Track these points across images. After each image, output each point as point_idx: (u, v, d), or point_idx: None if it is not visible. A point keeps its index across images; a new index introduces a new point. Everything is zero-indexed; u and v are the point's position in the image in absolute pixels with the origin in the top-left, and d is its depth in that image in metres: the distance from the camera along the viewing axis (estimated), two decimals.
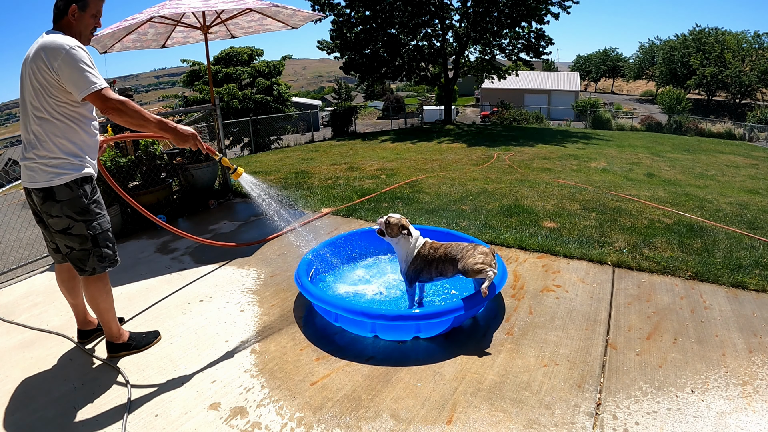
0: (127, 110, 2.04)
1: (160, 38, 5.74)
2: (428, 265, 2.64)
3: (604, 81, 60.20)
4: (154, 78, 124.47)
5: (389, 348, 2.44)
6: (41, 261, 3.88)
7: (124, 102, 2.03)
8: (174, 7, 4.36)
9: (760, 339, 2.43)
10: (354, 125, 21.75)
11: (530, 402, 2.01)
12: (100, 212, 2.24)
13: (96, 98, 2.00)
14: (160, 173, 5.05)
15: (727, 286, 3.02)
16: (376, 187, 5.91)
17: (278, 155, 11.39)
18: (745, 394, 2.02)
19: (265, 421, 1.95)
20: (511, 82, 26.96)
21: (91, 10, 2.15)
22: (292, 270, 3.19)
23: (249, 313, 2.85)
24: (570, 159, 9.83)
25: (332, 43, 21.36)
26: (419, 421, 1.92)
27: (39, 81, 2.01)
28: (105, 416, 2.01)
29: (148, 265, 3.66)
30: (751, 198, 6.08)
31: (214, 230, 4.53)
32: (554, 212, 4.60)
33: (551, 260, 3.47)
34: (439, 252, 2.64)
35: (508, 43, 21.41)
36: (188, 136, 2.23)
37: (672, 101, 33.78)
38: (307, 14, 5.64)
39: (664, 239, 3.78)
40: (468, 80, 43.55)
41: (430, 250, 2.67)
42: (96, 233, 2.20)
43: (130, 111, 2.05)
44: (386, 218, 2.69)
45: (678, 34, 42.87)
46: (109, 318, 2.37)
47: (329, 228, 4.36)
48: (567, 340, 2.45)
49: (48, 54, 1.97)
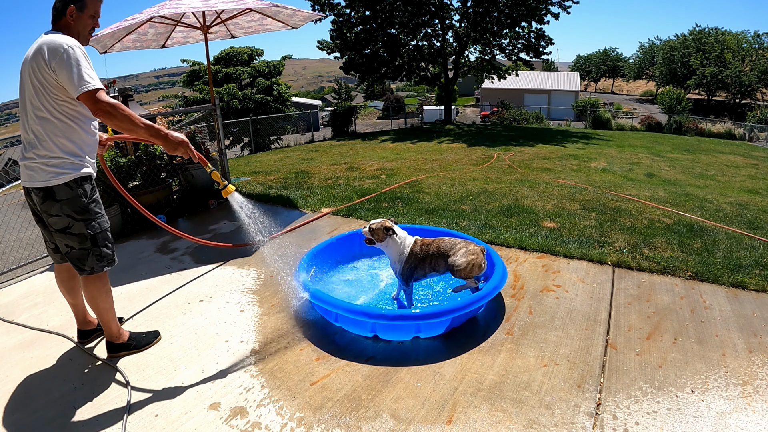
0: (116, 114, 2.00)
1: (160, 38, 5.74)
2: (422, 261, 2.70)
3: (604, 81, 60.22)
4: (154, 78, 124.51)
5: (389, 348, 2.44)
6: (41, 261, 3.88)
7: (115, 105, 2.00)
8: (174, 7, 4.36)
9: (760, 339, 2.43)
10: (354, 125, 21.75)
11: (530, 402, 2.01)
12: (100, 212, 2.25)
13: (88, 98, 1.98)
14: (160, 173, 5.06)
15: (727, 286, 3.02)
16: (376, 187, 5.91)
17: (278, 155, 11.40)
18: (745, 394, 2.02)
19: (265, 421, 1.95)
20: (511, 82, 26.97)
21: (89, 11, 2.16)
22: (292, 270, 3.19)
23: (249, 313, 2.85)
24: (570, 159, 9.84)
25: (332, 43, 21.38)
26: (419, 421, 1.92)
27: (39, 80, 2.02)
28: (105, 416, 2.01)
29: (148, 265, 3.66)
30: (751, 198, 6.08)
31: (213, 230, 4.52)
32: (554, 212, 4.60)
33: (551, 260, 3.47)
34: (432, 248, 2.70)
35: (508, 43, 21.42)
36: (178, 144, 2.15)
37: (672, 101, 33.78)
38: (307, 14, 5.64)
39: (664, 239, 3.78)
40: (468, 80, 43.58)
41: (422, 246, 2.72)
42: (95, 232, 2.21)
43: (120, 115, 2.01)
44: (368, 226, 2.75)
45: (678, 34, 42.95)
46: (109, 318, 2.37)
47: (329, 228, 4.36)
48: (567, 340, 2.45)
49: (46, 53, 1.98)
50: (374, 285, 3.13)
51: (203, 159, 2.36)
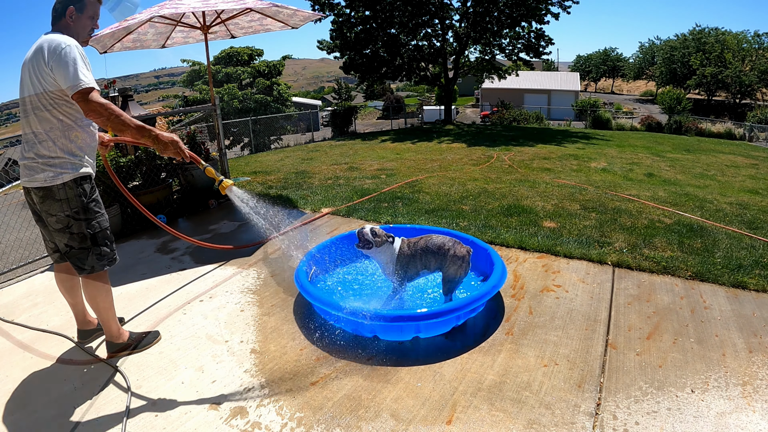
0: (105, 113, 1.98)
1: (160, 38, 5.74)
2: (413, 259, 2.72)
3: (604, 81, 60.20)
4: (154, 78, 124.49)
5: (389, 348, 2.44)
6: (41, 261, 3.88)
7: (105, 105, 1.98)
8: (174, 7, 4.36)
9: (760, 339, 2.43)
10: (354, 125, 21.76)
11: (530, 402, 2.01)
12: (99, 211, 2.25)
13: (80, 96, 1.96)
14: (160, 173, 5.06)
15: (727, 286, 3.02)
16: (376, 187, 5.91)
17: (278, 155, 11.40)
18: (745, 394, 2.02)
19: (265, 421, 1.95)
20: (511, 82, 26.98)
21: (89, 12, 2.18)
22: (292, 270, 3.19)
23: (249, 313, 2.85)
24: (570, 159, 9.84)
25: (332, 43, 21.37)
26: (419, 421, 1.92)
27: (38, 80, 2.03)
28: (105, 416, 2.01)
29: (148, 265, 3.66)
30: (751, 198, 6.08)
31: (213, 230, 4.52)
32: (554, 212, 4.60)
33: (551, 260, 3.47)
34: (420, 245, 2.74)
35: (508, 43, 21.42)
36: (168, 143, 2.10)
37: (672, 101, 33.79)
38: (307, 14, 5.64)
39: (664, 239, 3.78)
40: (468, 80, 43.60)
41: (409, 245, 2.75)
42: (95, 232, 2.21)
43: (109, 114, 1.98)
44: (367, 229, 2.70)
45: (678, 34, 42.92)
46: (109, 317, 2.38)
47: (329, 228, 4.36)
48: (567, 340, 2.45)
49: (45, 52, 2.00)
50: (374, 285, 3.12)
51: (195, 157, 2.31)
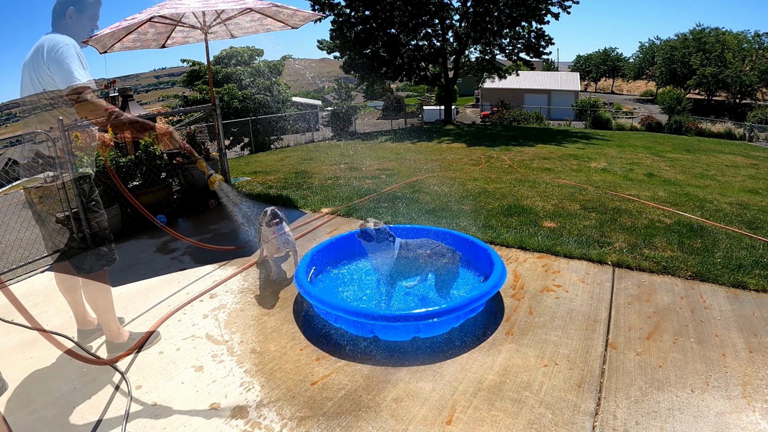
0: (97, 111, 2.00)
1: (160, 38, 5.74)
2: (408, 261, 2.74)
3: (604, 81, 60.19)
4: (154, 78, 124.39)
5: (389, 348, 2.44)
6: (41, 261, 3.88)
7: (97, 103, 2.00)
8: (174, 7, 4.36)
9: (760, 339, 2.43)
10: (354, 125, 21.76)
11: (530, 402, 2.01)
12: (99, 211, 2.26)
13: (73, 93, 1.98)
14: (160, 173, 5.06)
15: (727, 286, 3.02)
16: (376, 187, 5.91)
17: (278, 155, 11.40)
18: (745, 394, 2.02)
19: (265, 421, 1.95)
20: (511, 82, 26.99)
21: (88, 13, 2.20)
22: (292, 270, 3.19)
23: (249, 313, 2.85)
24: (570, 159, 9.84)
25: (332, 43, 21.38)
26: (419, 421, 1.92)
27: (38, 79, 2.04)
28: (105, 416, 2.01)
29: (148, 265, 3.66)
30: (751, 198, 6.07)
31: (213, 230, 4.52)
32: (554, 212, 4.60)
33: (551, 260, 3.47)
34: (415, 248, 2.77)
35: (508, 43, 21.44)
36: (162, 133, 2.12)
37: (672, 101, 33.80)
38: (307, 14, 5.63)
39: (664, 239, 3.78)
40: (468, 80, 43.51)
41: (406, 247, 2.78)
42: (94, 231, 2.22)
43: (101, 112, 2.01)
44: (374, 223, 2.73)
45: (678, 34, 42.89)
46: (109, 317, 2.38)
47: (329, 228, 4.36)
48: (567, 340, 2.45)
49: (44, 52, 2.02)
50: (374, 285, 3.12)
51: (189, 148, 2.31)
